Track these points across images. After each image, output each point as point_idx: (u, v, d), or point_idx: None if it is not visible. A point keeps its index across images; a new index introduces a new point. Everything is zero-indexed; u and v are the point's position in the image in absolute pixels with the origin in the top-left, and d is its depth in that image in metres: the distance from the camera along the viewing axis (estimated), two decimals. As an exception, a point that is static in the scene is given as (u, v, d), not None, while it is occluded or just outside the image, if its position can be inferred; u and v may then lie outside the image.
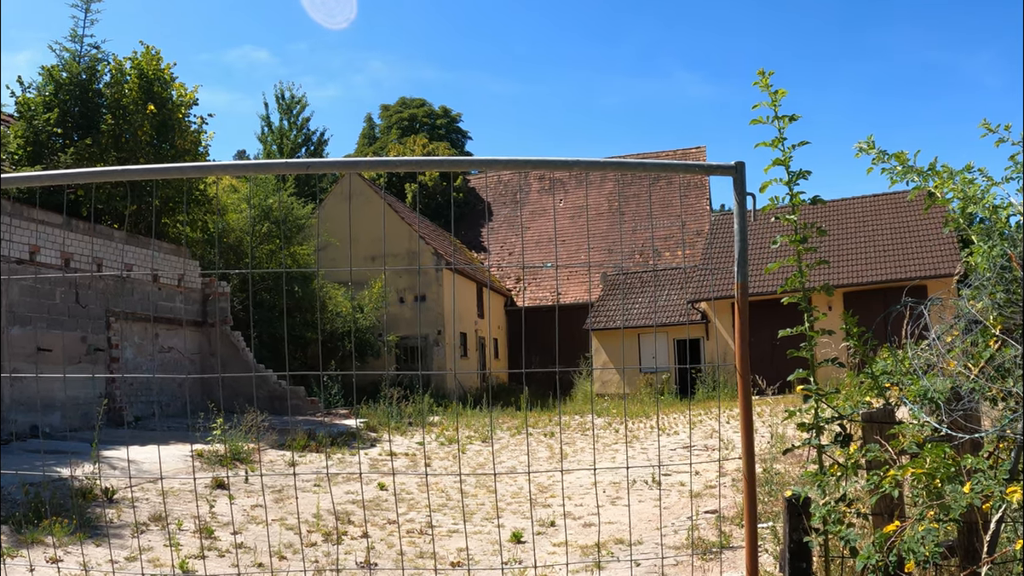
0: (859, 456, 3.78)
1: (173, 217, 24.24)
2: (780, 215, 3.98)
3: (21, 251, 17.68)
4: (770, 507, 9.18)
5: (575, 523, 10.51)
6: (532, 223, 51.43)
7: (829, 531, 3.68)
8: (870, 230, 35.43)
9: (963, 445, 3.60)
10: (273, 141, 52.24)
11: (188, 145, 23.65)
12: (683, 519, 10.14)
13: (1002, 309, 3.73)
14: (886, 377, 4.08)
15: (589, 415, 25.70)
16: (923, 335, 4.19)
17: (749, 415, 3.26)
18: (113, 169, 3.91)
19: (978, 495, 3.15)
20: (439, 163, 3.87)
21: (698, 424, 21.63)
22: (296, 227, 31.83)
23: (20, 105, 21.35)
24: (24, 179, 4.55)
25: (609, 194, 50.78)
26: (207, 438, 14.96)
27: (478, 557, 9.02)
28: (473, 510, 11.79)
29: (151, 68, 22.87)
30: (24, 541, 8.62)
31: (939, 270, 31.09)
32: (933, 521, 3.28)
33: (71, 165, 20.47)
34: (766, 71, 3.93)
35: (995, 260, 3.78)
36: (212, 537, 9.55)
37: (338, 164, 4.00)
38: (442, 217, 51.80)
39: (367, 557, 8.84)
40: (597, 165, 3.67)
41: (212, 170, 4.26)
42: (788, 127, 3.94)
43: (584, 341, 38.55)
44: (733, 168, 3.36)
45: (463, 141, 65.08)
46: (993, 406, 3.89)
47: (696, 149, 51.88)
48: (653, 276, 40.95)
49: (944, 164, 4.18)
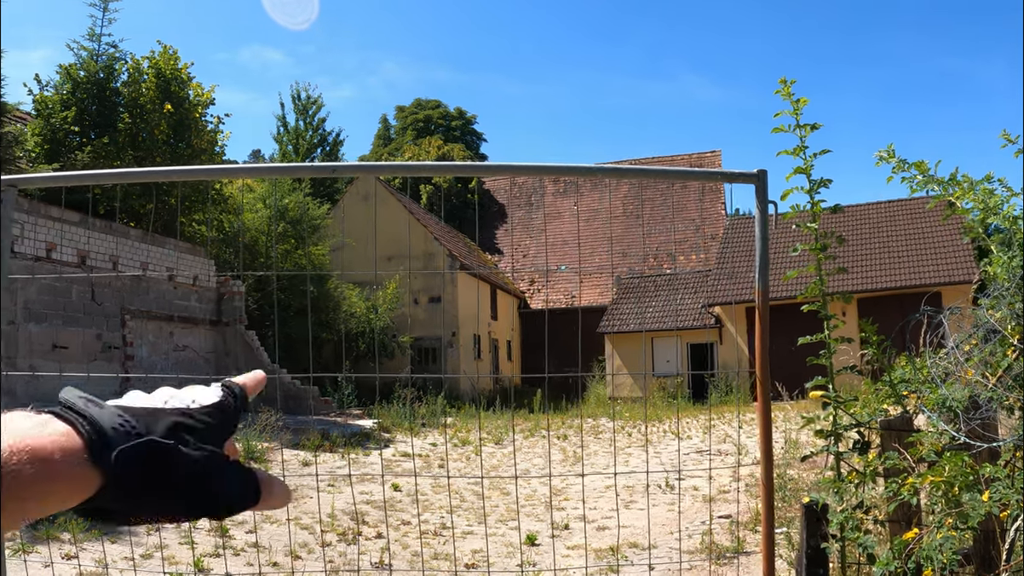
0: (878, 463, 3.80)
1: (189, 216, 24.35)
2: (800, 223, 4.00)
3: (38, 248, 17.80)
4: (783, 512, 9.18)
5: (590, 526, 10.52)
6: (546, 225, 51.43)
7: (847, 537, 3.70)
8: (885, 236, 35.31)
9: (981, 454, 3.61)
10: (289, 141, 52.31)
11: (204, 145, 23.77)
12: (697, 524, 10.15)
13: (1020, 319, 3.74)
14: (904, 385, 4.09)
15: (602, 418, 25.71)
16: (941, 344, 4.21)
17: (768, 422, 3.28)
18: (137, 171, 3.95)
19: (996, 503, 3.17)
20: (457, 168, 3.91)
21: (712, 428, 21.61)
22: (312, 227, 31.92)
23: (38, 103, 21.48)
24: (43, 179, 4.59)
25: (624, 197, 50.77)
26: (222, 437, 15.01)
27: (493, 559, 9.05)
28: (487, 512, 11.82)
29: (168, 67, 22.99)
30: (40, 537, 8.69)
31: (954, 277, 30.95)
32: (951, 529, 3.30)
33: (88, 164, 20.59)
34: (788, 79, 3.95)
35: (1014, 270, 3.79)
36: (227, 536, 9.60)
37: (359, 168, 4.03)
38: (456, 219, 51.85)
39: (382, 558, 8.88)
40: (619, 172, 3.70)
41: (237, 172, 4.30)
42: (810, 135, 3.96)
43: (598, 344, 38.54)
44: (755, 176, 3.38)
45: (478, 143, 65.04)
46: (1010, 415, 3.90)
47: (711, 153, 51.85)
48: (667, 280, 40.92)
49: (964, 174, 4.19)
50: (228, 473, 0.83)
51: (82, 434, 0.73)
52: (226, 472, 0.82)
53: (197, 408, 0.83)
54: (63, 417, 0.75)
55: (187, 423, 0.80)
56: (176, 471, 0.77)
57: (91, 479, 0.72)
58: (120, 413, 0.77)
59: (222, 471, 0.82)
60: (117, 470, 0.73)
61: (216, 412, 0.85)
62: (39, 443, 0.70)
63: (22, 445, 0.69)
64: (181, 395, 0.85)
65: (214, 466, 0.81)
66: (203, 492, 0.79)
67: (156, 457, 0.75)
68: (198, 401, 0.84)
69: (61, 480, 0.71)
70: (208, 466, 0.80)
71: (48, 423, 0.74)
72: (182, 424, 0.80)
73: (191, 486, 0.78)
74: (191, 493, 0.78)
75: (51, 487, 0.70)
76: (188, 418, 0.81)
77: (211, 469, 0.80)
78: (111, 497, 0.74)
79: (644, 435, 18.35)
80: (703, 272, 40.15)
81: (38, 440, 0.71)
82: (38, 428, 0.72)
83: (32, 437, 0.71)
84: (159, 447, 0.76)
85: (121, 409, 0.78)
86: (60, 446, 0.71)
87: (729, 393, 30.66)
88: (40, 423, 0.73)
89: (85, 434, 0.73)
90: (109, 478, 0.73)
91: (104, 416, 0.75)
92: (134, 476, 0.74)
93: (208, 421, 0.82)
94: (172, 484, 0.76)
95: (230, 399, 0.88)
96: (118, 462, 0.73)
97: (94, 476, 0.72)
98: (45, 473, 0.70)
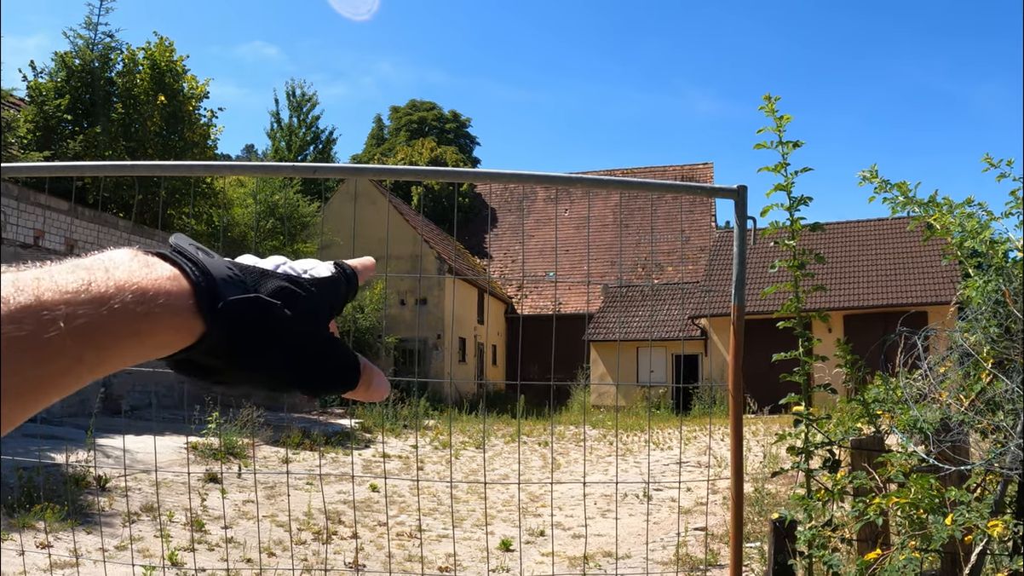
0: (846, 482, 3.82)
1: (179, 209, 24.29)
2: (780, 240, 4.01)
3: (26, 235, 17.75)
4: (759, 527, 9.21)
5: (564, 534, 10.53)
6: (536, 231, 51.44)
7: (813, 555, 3.71)
8: (872, 254, 35.41)
9: (949, 476, 3.63)
10: (282, 138, 52.25)
11: (197, 138, 23.74)
12: (672, 535, 10.17)
13: (995, 343, 3.77)
14: (877, 405, 4.11)
15: (584, 426, 25.72)
16: (916, 364, 4.23)
17: (739, 437, 3.30)
18: (121, 164, 3.94)
19: (960, 527, 3.19)
20: (444, 174, 3.91)
21: (692, 440, 21.65)
22: (300, 224, 31.87)
23: (31, 90, 21.42)
24: (33, 169, 4.59)
25: (615, 206, 50.80)
26: (202, 431, 14.99)
27: (466, 563, 9.05)
28: (464, 516, 11.82)
29: (164, 59, 22.94)
30: (15, 525, 8.66)
31: (940, 297, 31.04)
32: (915, 551, 3.32)
33: (80, 152, 20.54)
34: (772, 96, 3.96)
35: (989, 294, 3.82)
36: (203, 530, 9.59)
37: (345, 170, 4.05)
38: (447, 221, 51.82)
39: (356, 558, 8.87)
40: (601, 183, 3.71)
41: (220, 169, 4.30)
42: (792, 153, 3.97)
43: (582, 352, 38.56)
44: (735, 192, 3.40)
45: (471, 147, 65.03)
46: (983, 438, 3.92)
47: (703, 165, 51.95)
48: (653, 290, 40.96)
49: (945, 197, 4.21)
50: (332, 347, 0.80)
51: (191, 279, 0.71)
52: (330, 346, 0.80)
53: (308, 279, 0.80)
54: (172, 260, 0.72)
55: (296, 290, 0.77)
56: (281, 333, 0.75)
57: (194, 327, 0.70)
58: (230, 265, 0.75)
59: (326, 344, 0.80)
60: (222, 321, 0.71)
61: (327, 286, 0.82)
62: (147, 282, 0.68)
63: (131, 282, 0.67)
64: (295, 264, 0.82)
65: (319, 338, 0.79)
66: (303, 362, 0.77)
67: (262, 314, 0.73)
68: (310, 273, 0.81)
69: (165, 322, 0.68)
70: (312, 336, 0.78)
71: (156, 265, 0.71)
72: (291, 290, 0.77)
73: (292, 353, 0.76)
74: (291, 360, 0.76)
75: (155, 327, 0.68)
76: (297, 286, 0.78)
77: (315, 340, 0.78)
78: (209, 350, 0.72)
79: (616, 445, 18.39)
80: (690, 283, 40.22)
81: (147, 279, 0.68)
82: (144, 269, 0.69)
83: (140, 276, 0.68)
84: (266, 305, 0.74)
85: (232, 263, 0.76)
86: (167, 289, 0.69)
87: (713, 405, 30.69)
88: (147, 263, 0.70)
89: (194, 279, 0.71)
90: (212, 328, 0.70)
91: (214, 265, 0.73)
92: (238, 330, 0.72)
93: (316, 293, 0.80)
94: (274, 346, 0.74)
95: (342, 277, 0.84)
96: (224, 313, 0.71)
97: (197, 324, 0.70)
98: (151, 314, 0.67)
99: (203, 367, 0.74)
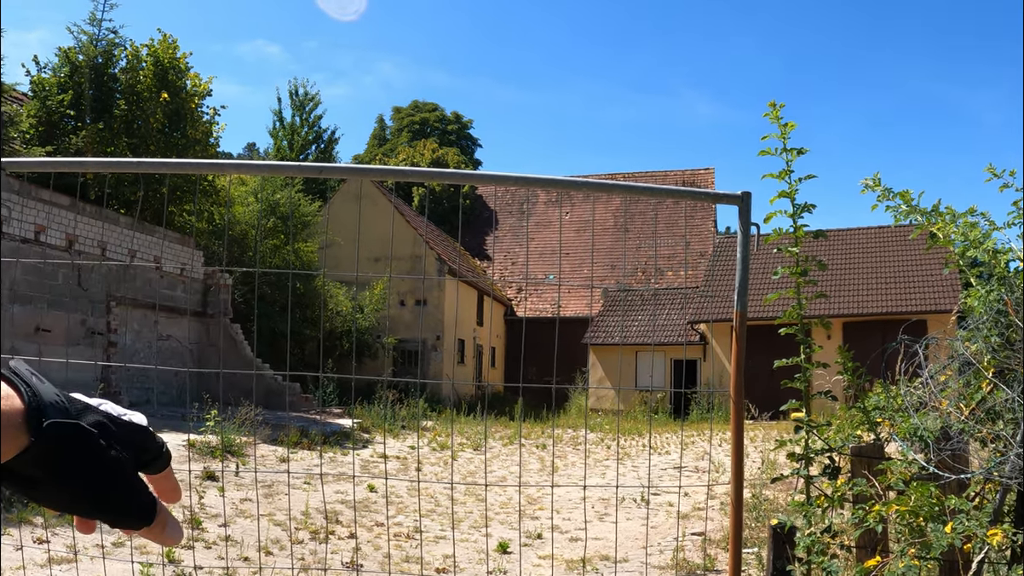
0: (846, 489, 3.82)
1: (180, 206, 24.29)
2: (782, 247, 4.01)
3: (27, 230, 17.75)
4: (757, 533, 9.21)
5: (562, 537, 10.53)
6: (537, 234, 51.40)
7: (812, 561, 3.72)
8: (874, 262, 35.37)
9: (949, 485, 3.64)
10: (284, 137, 52.23)
11: (199, 135, 23.74)
12: (670, 539, 10.16)
13: (996, 353, 3.77)
14: (878, 412, 4.11)
15: (582, 429, 25.71)
16: (917, 372, 4.23)
17: (740, 443, 3.30)
18: (125, 161, 3.94)
19: (959, 535, 3.19)
20: (449, 176, 3.90)
21: (690, 445, 21.64)
22: (302, 223, 31.88)
23: (35, 85, 21.43)
24: (36, 164, 4.58)
25: (616, 210, 50.77)
26: (200, 428, 14.98)
27: (464, 565, 9.06)
28: (461, 518, 11.82)
29: (167, 56, 22.96)
30: (13, 520, 8.66)
31: (941, 305, 31.00)
32: (914, 558, 3.32)
33: (82, 148, 20.55)
34: (776, 103, 3.97)
35: (991, 304, 3.82)
36: (200, 528, 9.59)
37: (351, 170, 4.04)
38: (448, 223, 51.77)
39: (353, 558, 8.87)
40: (605, 187, 3.72)
41: (224, 168, 4.30)
42: (796, 160, 3.97)
43: (582, 355, 38.52)
44: (739, 198, 3.40)
45: (473, 148, 65.00)
46: (982, 447, 3.92)
47: (705, 170, 51.92)
48: (653, 295, 40.95)
49: (948, 206, 4.21)
50: (134, 485, 0.91)
51: (23, 399, 0.83)
52: (132, 482, 0.91)
53: (123, 421, 0.92)
54: (10, 381, 0.84)
55: (111, 427, 0.89)
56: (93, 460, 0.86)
57: (20, 440, 0.82)
58: (59, 394, 0.87)
59: (129, 480, 0.90)
60: (45, 438, 0.82)
61: (139, 432, 0.93)
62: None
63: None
64: (115, 407, 0.94)
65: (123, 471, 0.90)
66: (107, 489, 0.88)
67: (79, 439, 0.85)
68: (127, 417, 0.93)
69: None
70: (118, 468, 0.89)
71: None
72: (107, 425, 0.89)
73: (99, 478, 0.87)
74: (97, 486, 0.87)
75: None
76: (113, 423, 0.90)
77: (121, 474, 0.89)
78: (30, 462, 0.83)
79: (616, 449, 18.37)
80: (690, 288, 40.20)
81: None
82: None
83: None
84: (83, 432, 0.86)
85: (60, 392, 0.88)
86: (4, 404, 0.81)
87: (711, 410, 30.67)
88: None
89: (27, 399, 0.83)
90: (35, 444, 0.82)
91: (45, 391, 0.86)
92: (56, 449, 0.83)
93: (128, 434, 0.91)
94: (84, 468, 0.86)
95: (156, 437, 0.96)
96: (48, 431, 0.83)
97: (23, 438, 0.82)
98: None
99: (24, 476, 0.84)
